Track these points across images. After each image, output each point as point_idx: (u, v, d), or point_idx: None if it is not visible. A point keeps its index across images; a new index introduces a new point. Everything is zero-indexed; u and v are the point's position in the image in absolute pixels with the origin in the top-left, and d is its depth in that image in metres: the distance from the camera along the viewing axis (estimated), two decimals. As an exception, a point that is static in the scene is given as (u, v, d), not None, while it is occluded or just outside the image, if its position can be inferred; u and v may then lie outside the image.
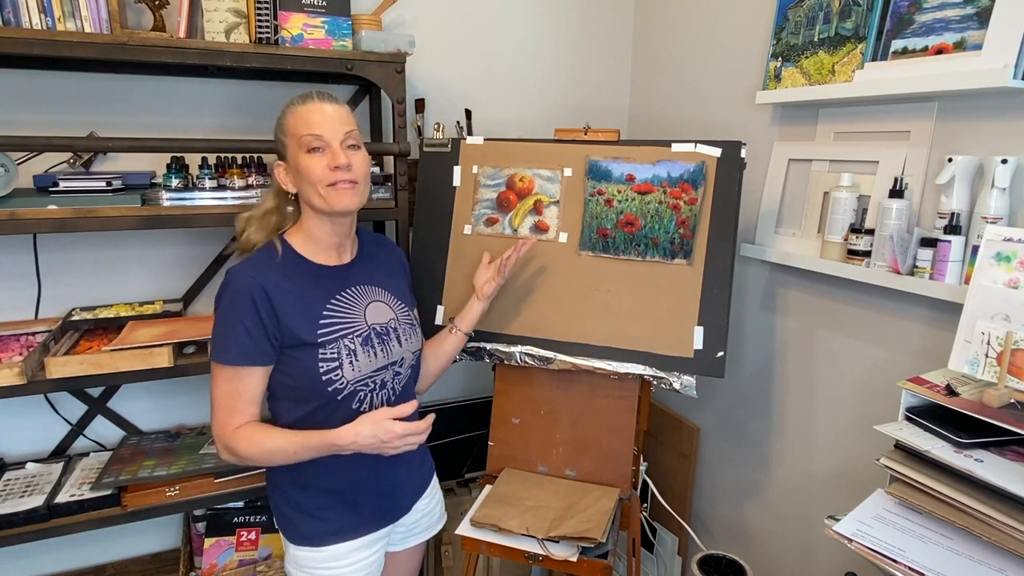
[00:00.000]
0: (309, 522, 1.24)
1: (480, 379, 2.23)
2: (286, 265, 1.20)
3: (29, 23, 1.30)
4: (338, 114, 1.18)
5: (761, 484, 1.82)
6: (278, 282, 1.16)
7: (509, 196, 1.63)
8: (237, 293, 1.13)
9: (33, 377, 1.39)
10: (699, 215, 1.49)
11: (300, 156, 1.16)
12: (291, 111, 1.18)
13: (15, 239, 1.62)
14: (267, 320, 1.13)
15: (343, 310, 1.23)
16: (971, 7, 1.20)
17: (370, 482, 1.28)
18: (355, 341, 1.21)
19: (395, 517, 1.34)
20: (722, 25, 1.87)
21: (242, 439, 1.13)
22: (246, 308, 1.12)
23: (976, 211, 1.18)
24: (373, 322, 1.25)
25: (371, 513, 1.29)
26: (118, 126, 1.66)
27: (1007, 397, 0.97)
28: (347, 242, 1.28)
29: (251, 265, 1.17)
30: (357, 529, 1.27)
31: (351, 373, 1.19)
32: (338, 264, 1.26)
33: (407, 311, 1.34)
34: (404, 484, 1.35)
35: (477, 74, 2.07)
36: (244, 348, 1.13)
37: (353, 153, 1.19)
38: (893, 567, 0.93)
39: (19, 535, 1.43)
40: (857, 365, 1.51)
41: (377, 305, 1.28)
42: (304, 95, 1.19)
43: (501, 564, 2.00)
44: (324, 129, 1.15)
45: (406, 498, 1.36)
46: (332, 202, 1.16)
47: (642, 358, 1.50)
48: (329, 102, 1.18)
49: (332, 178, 1.15)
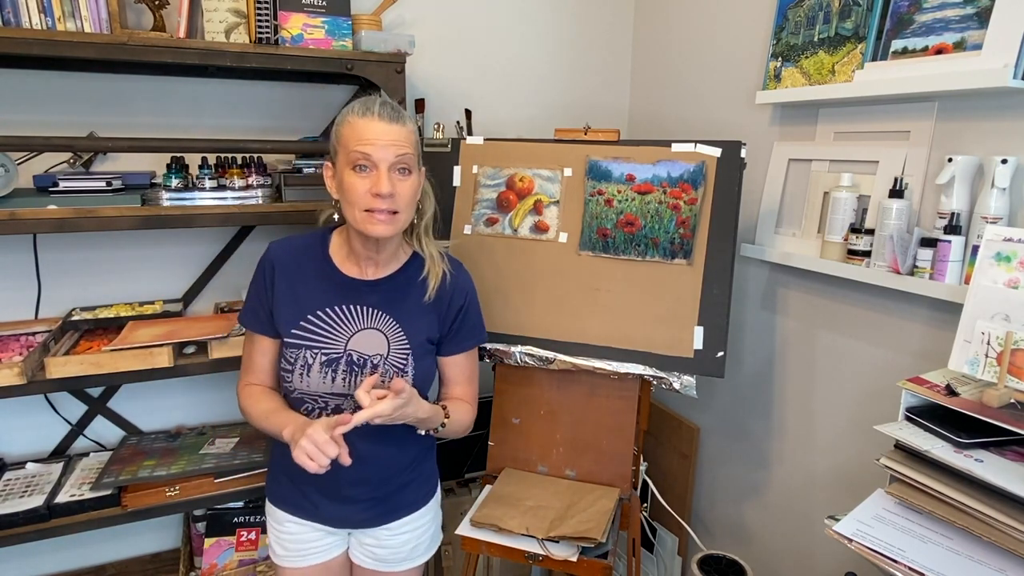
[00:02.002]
0: (271, 478, 1.32)
1: (480, 379, 2.23)
2: (311, 259, 1.22)
3: (29, 23, 1.31)
4: (394, 134, 1.09)
5: (761, 484, 1.82)
6: (290, 270, 1.20)
7: (509, 196, 1.63)
8: (261, 263, 1.22)
9: (33, 377, 1.39)
10: (699, 215, 1.49)
11: (345, 170, 1.10)
12: (348, 119, 1.11)
13: (15, 239, 1.62)
14: (266, 297, 1.20)
15: (328, 325, 1.19)
16: (971, 7, 1.20)
17: (311, 477, 1.12)
18: (316, 358, 1.17)
19: (341, 524, 1.28)
20: (722, 25, 1.86)
21: (245, 395, 1.23)
22: (259, 279, 1.21)
23: (976, 211, 1.18)
24: (354, 349, 1.19)
25: (312, 505, 1.26)
26: (118, 126, 1.66)
27: (1007, 397, 0.97)
28: (380, 258, 1.21)
29: (283, 244, 1.22)
30: (302, 509, 1.27)
31: (299, 383, 1.18)
32: (359, 278, 1.21)
33: (406, 353, 1.21)
34: (358, 499, 1.25)
35: (477, 74, 2.07)
36: (255, 314, 1.21)
37: (401, 180, 1.11)
38: (893, 567, 0.93)
39: (19, 535, 1.43)
40: (857, 365, 1.51)
41: (372, 334, 1.20)
42: (366, 103, 1.11)
43: (501, 564, 2.00)
44: (374, 149, 1.08)
45: (357, 513, 1.27)
46: (364, 227, 1.11)
47: (642, 358, 1.50)
48: (389, 119, 1.10)
49: (371, 204, 1.09)
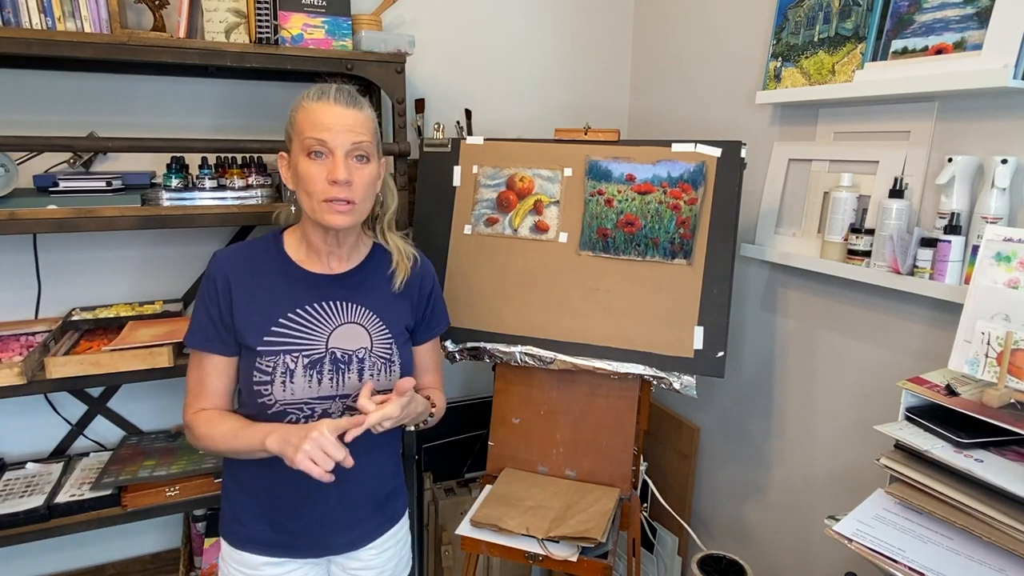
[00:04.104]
0: (231, 519, 1.19)
1: (480, 379, 2.23)
2: (266, 262, 1.14)
3: (29, 23, 1.31)
4: (351, 119, 1.06)
5: (761, 484, 1.82)
6: (246, 277, 1.12)
7: (509, 196, 1.63)
8: (207, 278, 1.12)
9: (33, 377, 1.39)
10: (699, 215, 1.49)
11: (300, 158, 1.06)
12: (304, 105, 1.07)
13: (15, 239, 1.62)
14: (223, 311, 1.10)
15: (303, 325, 1.13)
16: (971, 7, 1.20)
17: (292, 504, 1.16)
18: (298, 361, 1.11)
19: (317, 553, 1.21)
20: (722, 25, 1.86)
21: (201, 420, 1.10)
22: (210, 294, 1.11)
23: (976, 211, 1.18)
24: (335, 346, 1.14)
25: (289, 537, 1.17)
26: (118, 126, 1.66)
27: (1007, 397, 0.97)
28: (343, 251, 1.17)
29: (229, 253, 1.14)
30: (274, 548, 1.17)
31: (281, 393, 1.10)
32: (325, 273, 1.16)
33: (388, 343, 1.18)
34: (335, 522, 1.19)
35: (477, 74, 2.07)
36: (206, 333, 1.11)
37: (358, 167, 1.07)
38: (893, 567, 0.93)
39: (19, 535, 1.43)
40: (857, 365, 1.51)
41: (351, 328, 1.16)
42: (322, 89, 1.07)
43: (501, 564, 2.00)
44: (330, 134, 1.04)
45: (335, 537, 1.20)
46: (321, 218, 1.07)
47: (642, 358, 1.50)
48: (346, 104, 1.06)
49: (328, 193, 1.05)
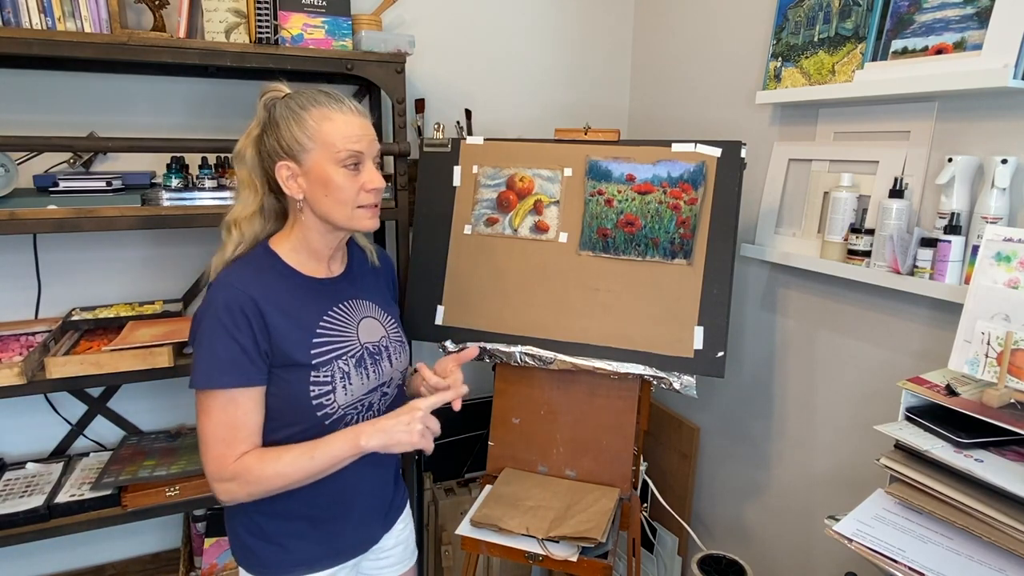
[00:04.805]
0: (273, 551, 1.13)
1: (480, 379, 2.23)
2: (275, 277, 1.09)
3: (29, 23, 1.31)
4: (369, 128, 1.09)
5: (761, 484, 1.82)
6: (268, 296, 1.05)
7: (509, 196, 1.63)
8: (226, 309, 1.01)
9: (33, 377, 1.39)
10: (699, 215, 1.49)
11: (330, 168, 1.04)
12: (322, 114, 1.04)
13: (15, 239, 1.62)
14: (260, 337, 1.02)
15: (337, 328, 1.13)
16: (971, 7, 1.20)
17: (339, 508, 1.17)
18: (349, 363, 1.11)
19: (364, 548, 1.24)
20: (722, 25, 1.86)
21: (253, 463, 1.00)
22: (237, 323, 1.01)
23: (976, 211, 1.18)
24: (366, 341, 1.16)
25: (339, 542, 1.18)
26: (118, 126, 1.66)
27: (1007, 397, 0.97)
28: (339, 253, 1.19)
29: (238, 276, 1.05)
30: (323, 560, 1.16)
31: (343, 398, 1.10)
32: (328, 276, 1.16)
33: (396, 327, 1.25)
34: (375, 512, 1.25)
35: (477, 74, 2.07)
36: (239, 367, 1.01)
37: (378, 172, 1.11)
38: (893, 567, 0.93)
39: (19, 535, 1.43)
40: (857, 365, 1.51)
41: (369, 322, 1.19)
42: (333, 97, 1.06)
43: (501, 564, 2.00)
44: (362, 144, 1.06)
45: (376, 527, 1.26)
46: (357, 224, 1.09)
47: (642, 358, 1.49)
48: (360, 113, 1.08)
49: (365, 200, 1.07)
